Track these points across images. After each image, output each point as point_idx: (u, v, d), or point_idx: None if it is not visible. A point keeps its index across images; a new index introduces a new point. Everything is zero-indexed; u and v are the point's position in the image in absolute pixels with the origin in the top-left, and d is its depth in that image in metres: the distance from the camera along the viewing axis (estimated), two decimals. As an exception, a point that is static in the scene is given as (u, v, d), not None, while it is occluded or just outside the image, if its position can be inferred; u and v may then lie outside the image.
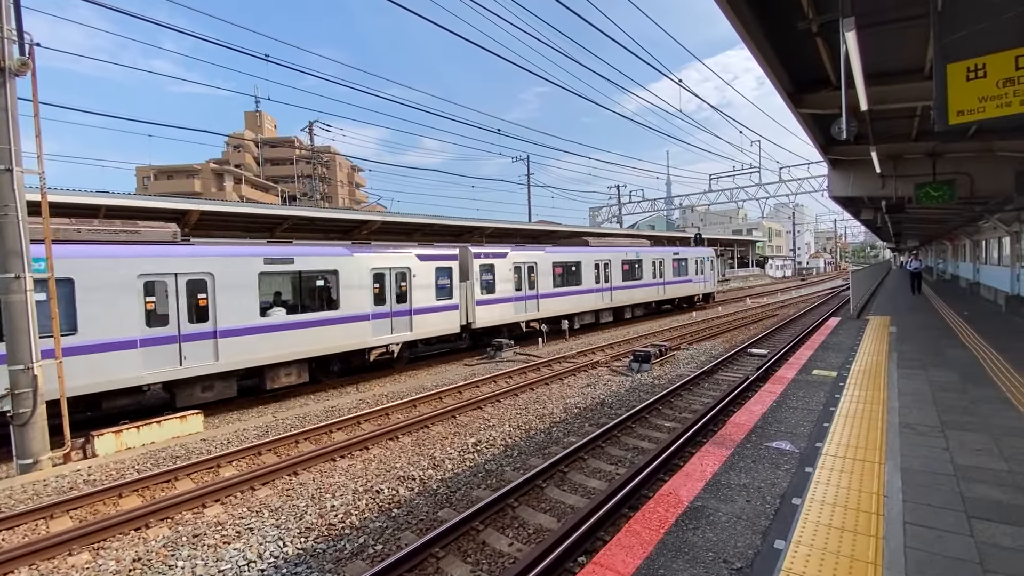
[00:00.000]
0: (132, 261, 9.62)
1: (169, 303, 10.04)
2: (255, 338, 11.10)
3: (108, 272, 9.29)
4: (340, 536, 5.71)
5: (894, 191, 12.40)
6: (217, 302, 10.55)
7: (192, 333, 10.25)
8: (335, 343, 12.54)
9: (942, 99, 3.90)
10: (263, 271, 11.32)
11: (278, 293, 11.94)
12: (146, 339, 9.68)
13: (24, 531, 6.19)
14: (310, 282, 12.32)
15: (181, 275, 10.17)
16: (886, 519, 3.78)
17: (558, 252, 19.85)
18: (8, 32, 7.66)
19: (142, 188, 51.79)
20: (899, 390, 7.24)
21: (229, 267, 10.78)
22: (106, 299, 9.24)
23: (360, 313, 13.00)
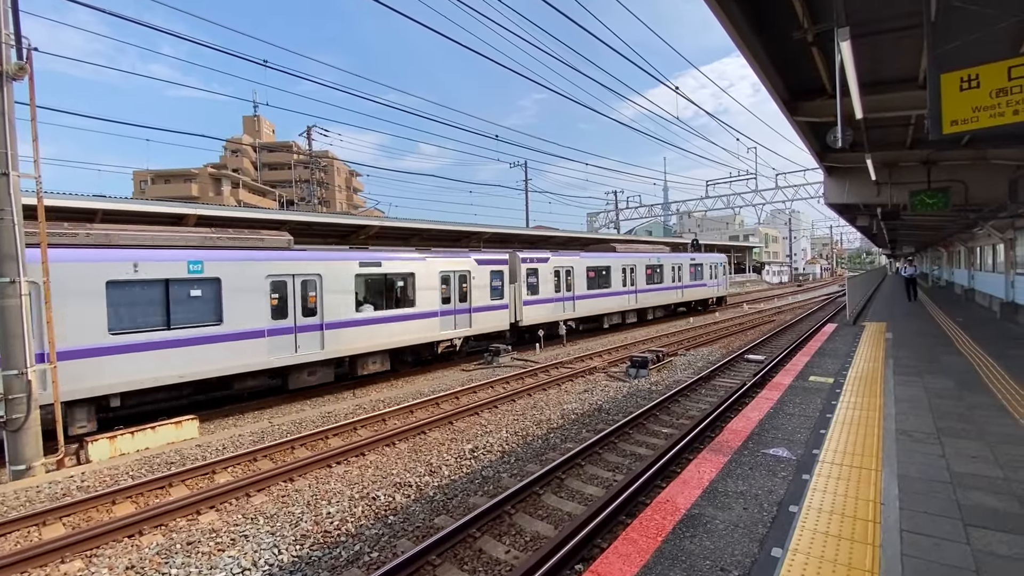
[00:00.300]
0: (262, 264, 11.36)
1: (287, 300, 11.79)
2: (351, 330, 12.93)
3: (245, 273, 11.02)
4: (336, 543, 5.67)
5: (889, 198, 12.49)
6: (324, 299, 12.35)
7: (304, 325, 12.04)
8: (412, 336, 14.44)
9: (936, 109, 3.94)
10: (358, 273, 13.16)
11: (368, 292, 13.78)
12: (271, 329, 11.46)
13: (16, 538, 6.12)
14: (393, 283, 14.19)
15: (297, 276, 11.94)
16: (883, 527, 3.78)
17: (591, 257, 21.62)
18: (6, 37, 7.66)
19: (139, 192, 51.68)
20: (895, 397, 7.26)
21: (333, 269, 12.58)
22: (244, 295, 10.96)
23: (431, 310, 14.93)
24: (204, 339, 10.33)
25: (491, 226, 21.35)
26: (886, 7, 5.47)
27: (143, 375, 9.58)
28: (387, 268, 13.87)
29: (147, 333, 9.69)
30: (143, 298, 9.72)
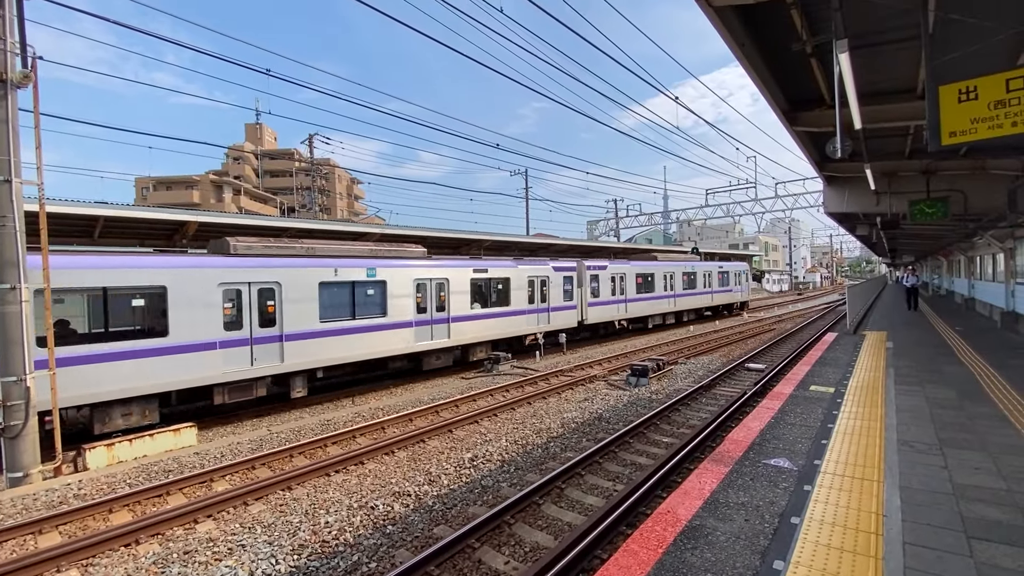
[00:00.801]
0: (411, 270, 14.50)
1: (427, 298, 14.86)
2: (467, 324, 15.95)
3: (399, 276, 14.12)
4: (334, 553, 5.63)
5: (889, 208, 12.52)
6: (451, 298, 15.38)
7: (438, 319, 15.04)
8: (508, 330, 17.48)
9: (935, 120, 3.97)
10: (472, 278, 16.12)
11: (477, 293, 16.41)
12: (416, 321, 14.51)
13: (12, 547, 6.08)
14: (495, 286, 17.07)
15: (433, 280, 15.05)
16: (885, 539, 3.75)
17: (639, 265, 24.32)
18: (11, 45, 7.72)
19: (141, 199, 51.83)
20: (896, 407, 7.24)
21: (456, 274, 15.68)
22: (400, 295, 14.06)
23: (521, 309, 17.95)
24: (375, 327, 13.47)
25: (492, 234, 21.36)
26: (884, 19, 5.52)
27: (338, 354, 12.64)
28: (492, 273, 16.88)
29: (341, 322, 12.74)
30: (339, 295, 12.78)
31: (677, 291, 26.73)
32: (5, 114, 7.67)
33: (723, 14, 5.15)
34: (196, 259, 10.92)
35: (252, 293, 11.15)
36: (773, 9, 5.41)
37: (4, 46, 7.64)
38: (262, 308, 11.34)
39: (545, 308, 18.89)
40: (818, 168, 12.12)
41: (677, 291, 26.73)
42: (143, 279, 9.82)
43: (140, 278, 9.79)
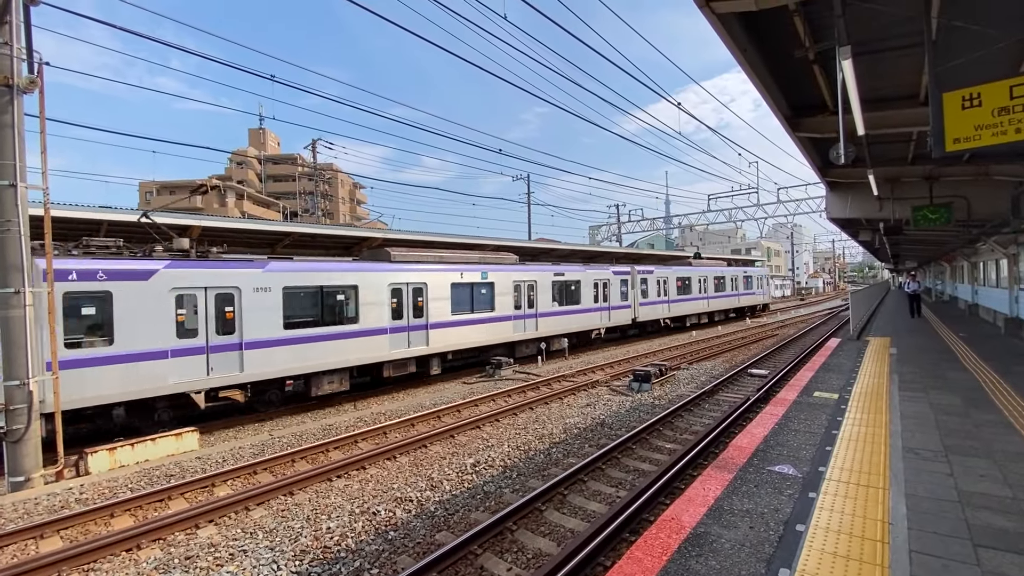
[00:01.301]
0: (511, 274, 17.78)
1: (521, 297, 18.06)
2: (550, 319, 19.20)
3: (503, 279, 17.41)
4: (336, 559, 5.61)
5: (892, 213, 12.51)
6: (538, 298, 18.62)
7: (528, 314, 18.36)
8: (579, 324, 20.73)
9: (939, 127, 3.96)
10: (554, 280, 19.44)
11: (556, 293, 19.59)
12: (514, 315, 17.75)
13: (13, 551, 6.07)
14: (569, 287, 20.29)
15: (524, 282, 18.26)
16: (891, 547, 3.72)
17: (679, 270, 27.34)
18: (18, 51, 7.78)
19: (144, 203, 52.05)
20: (901, 413, 7.20)
21: (542, 277, 18.92)
22: (502, 293, 17.30)
23: (589, 307, 21.18)
24: (487, 320, 16.61)
25: (494, 239, 21.39)
26: (887, 26, 5.53)
27: (465, 340, 15.89)
28: (567, 276, 20.16)
29: (465, 315, 15.90)
30: (463, 294, 15.94)
31: (710, 293, 29.92)
32: (11, 119, 7.72)
33: (726, 20, 5.16)
34: (374, 264, 14.06)
35: (408, 292, 14.47)
36: (775, 16, 5.43)
37: (11, 52, 7.70)
38: (415, 304, 14.62)
39: (607, 307, 22.21)
40: (821, 174, 12.12)
41: (710, 293, 29.92)
42: (346, 280, 13.00)
43: (344, 279, 12.96)
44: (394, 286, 14.09)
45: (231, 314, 10.86)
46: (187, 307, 10.35)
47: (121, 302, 9.56)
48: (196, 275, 10.51)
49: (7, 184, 7.68)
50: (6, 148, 7.68)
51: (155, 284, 10.00)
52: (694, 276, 28.38)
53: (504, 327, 17.26)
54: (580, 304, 20.62)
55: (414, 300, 14.55)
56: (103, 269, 9.44)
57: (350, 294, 13.06)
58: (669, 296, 26.03)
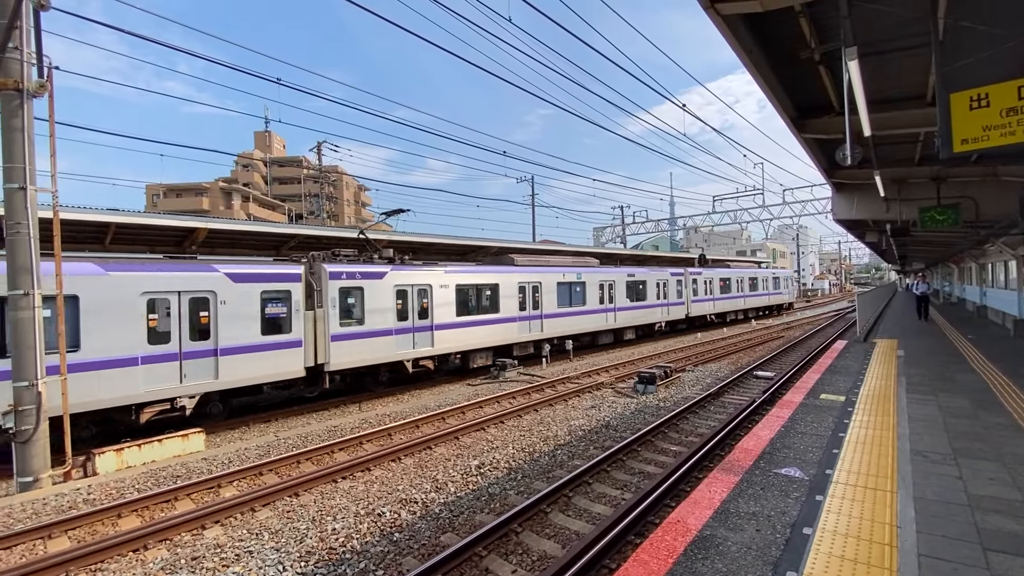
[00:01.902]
0: (598, 275, 21.52)
1: (604, 294, 21.80)
2: (624, 312, 22.96)
3: (593, 279, 21.21)
4: (341, 560, 5.62)
5: (899, 215, 12.44)
6: (616, 295, 22.56)
7: (608, 308, 22.03)
8: (645, 319, 24.47)
9: (946, 128, 3.94)
10: (628, 280, 23.23)
11: (629, 291, 23.24)
12: (601, 310, 21.63)
13: (21, 551, 6.11)
14: (638, 286, 23.97)
15: (607, 282, 21.95)
16: (900, 551, 3.69)
17: (721, 271, 31.69)
18: (28, 56, 7.87)
19: (151, 206, 52.43)
20: (909, 416, 7.14)
21: (619, 277, 22.71)
22: (592, 291, 21.01)
23: (652, 303, 25.00)
24: (583, 312, 20.68)
25: (498, 240, 21.44)
26: (894, 27, 5.51)
27: (570, 329, 19.94)
28: (637, 277, 23.88)
29: (567, 308, 19.91)
30: (565, 291, 19.90)
31: (746, 292, 34.01)
32: (21, 123, 7.79)
33: (731, 22, 5.16)
34: (506, 267, 17.84)
35: (529, 290, 18.35)
36: (781, 17, 5.42)
37: (21, 56, 7.78)
38: (534, 299, 18.57)
39: (667, 303, 25.91)
40: (827, 175, 12.07)
41: (746, 292, 34.01)
42: (489, 279, 16.86)
43: (488, 279, 16.82)
44: (521, 284, 18.13)
45: (425, 304, 14.95)
46: (402, 299, 14.33)
47: (368, 294, 13.48)
48: (406, 276, 14.51)
49: (17, 187, 7.75)
50: (16, 152, 7.76)
51: (386, 282, 13.96)
52: (733, 277, 32.64)
53: (595, 319, 21.25)
54: (646, 300, 24.46)
55: (533, 296, 18.52)
56: (359, 271, 13.41)
57: (495, 290, 17.17)
58: (714, 295, 30.18)
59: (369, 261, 14.11)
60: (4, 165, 7.80)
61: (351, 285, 13.06)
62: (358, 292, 13.23)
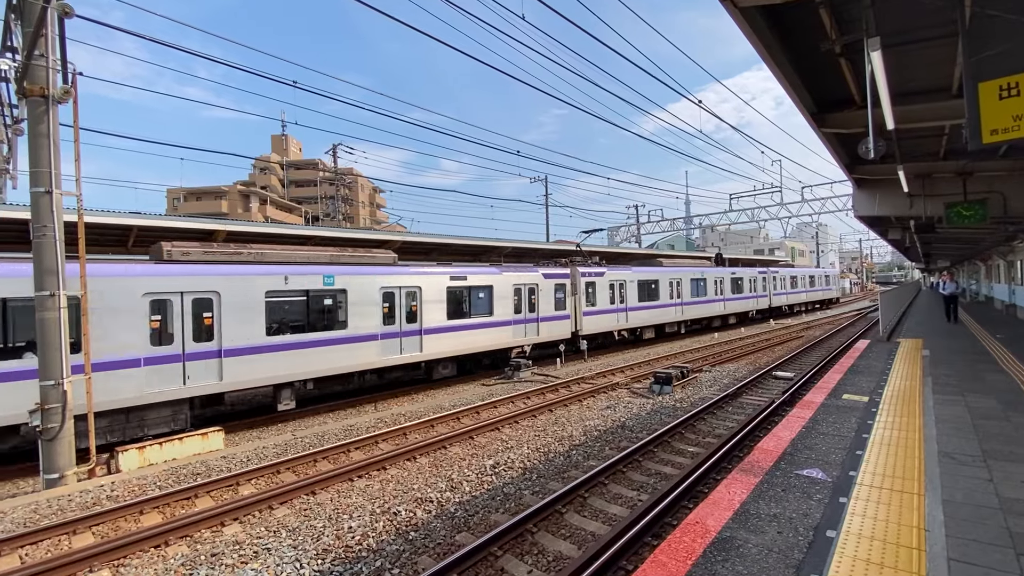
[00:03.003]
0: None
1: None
2: (694, 307, 26.13)
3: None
4: (357, 559, 5.64)
5: (923, 211, 12.12)
6: (724, 288, 28.12)
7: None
8: (709, 312, 27.38)
9: (975, 118, 3.81)
10: (731, 278, 28.79)
11: (733, 285, 28.82)
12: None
13: (47, 546, 6.25)
14: (697, 284, 26.43)
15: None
16: (928, 555, 3.58)
17: (792, 271, 38.22)
18: (53, 63, 8.05)
19: (172, 208, 53.49)
20: (936, 416, 6.94)
21: (685, 275, 25.49)
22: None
23: (752, 295, 31.30)
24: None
25: (512, 241, 21.43)
26: (918, 16, 5.36)
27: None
28: (738, 273, 29.63)
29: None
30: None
31: (808, 288, 40.38)
32: (47, 128, 7.98)
33: (748, 15, 5.07)
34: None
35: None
36: (800, 8, 5.31)
37: (46, 63, 7.97)
38: (679, 291, 24.62)
39: (742, 297, 30.65)
40: (847, 171, 11.81)
41: (808, 288, 40.38)
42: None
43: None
44: (672, 280, 24.11)
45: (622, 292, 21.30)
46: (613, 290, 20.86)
47: (599, 286, 20.42)
48: (618, 275, 21.35)
49: (43, 191, 7.94)
50: (42, 156, 7.95)
51: (604, 279, 20.60)
52: (799, 275, 38.94)
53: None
54: (743, 293, 30.55)
55: (678, 289, 24.36)
56: (593, 271, 20.32)
57: (656, 284, 23.22)
58: (787, 289, 36.60)
59: (584, 264, 20.39)
60: (30, 169, 8.00)
61: (587, 280, 19.81)
62: (592, 285, 20.04)
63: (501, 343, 16.55)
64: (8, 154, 11.09)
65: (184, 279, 10.23)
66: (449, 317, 14.91)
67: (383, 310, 13.32)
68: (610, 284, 20.90)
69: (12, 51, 8.77)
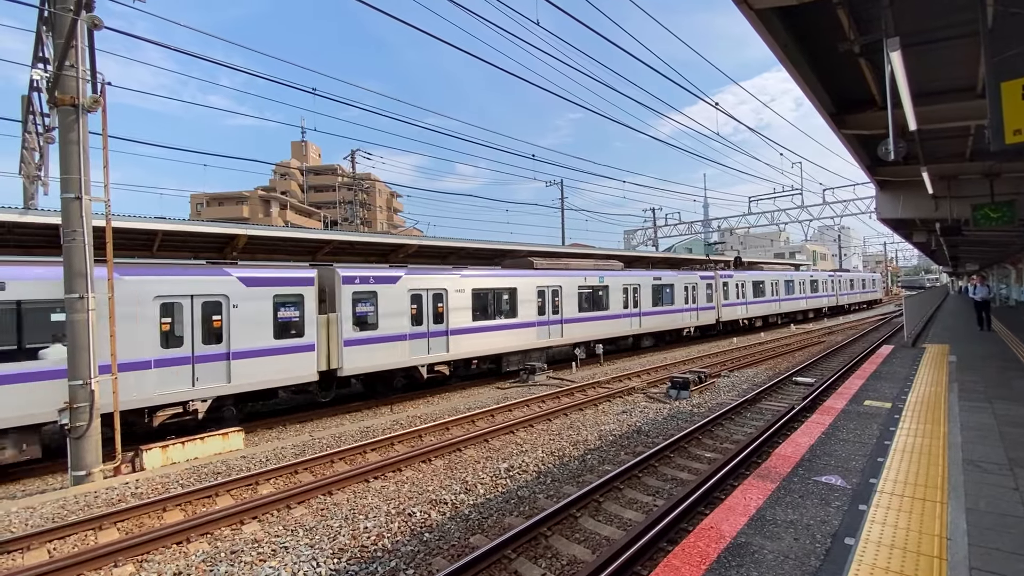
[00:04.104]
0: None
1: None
2: (813, 300, 35.93)
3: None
4: (372, 559, 5.70)
5: (949, 213, 11.85)
6: (815, 288, 36.77)
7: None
8: (817, 305, 35.11)
9: (997, 118, 3.73)
10: (810, 280, 35.23)
11: (811, 286, 34.84)
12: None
13: (74, 541, 6.44)
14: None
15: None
16: (950, 564, 3.49)
17: (850, 275, 45.30)
18: (83, 73, 8.35)
19: (195, 214, 54.71)
20: (961, 424, 6.76)
21: (805, 276, 35.17)
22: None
23: (825, 294, 37.51)
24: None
25: (527, 244, 21.49)
26: (938, 15, 5.27)
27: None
28: (814, 277, 34.99)
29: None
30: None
31: (859, 290, 47.03)
32: (77, 136, 8.27)
33: (765, 17, 5.04)
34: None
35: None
36: (817, 9, 5.25)
37: (76, 73, 8.27)
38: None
39: (826, 295, 36.68)
40: (870, 172, 11.60)
41: (859, 290, 47.03)
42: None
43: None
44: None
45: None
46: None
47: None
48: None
49: (73, 197, 8.22)
50: (72, 163, 8.23)
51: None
52: (855, 278, 46.41)
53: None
54: (819, 292, 36.45)
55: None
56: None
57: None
58: (846, 290, 43.14)
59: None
60: (61, 176, 8.29)
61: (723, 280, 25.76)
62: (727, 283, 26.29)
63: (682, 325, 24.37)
64: (40, 161, 11.53)
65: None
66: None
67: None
68: (738, 283, 27.40)
69: (44, 62, 9.12)
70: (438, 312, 14.60)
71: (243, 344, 11.00)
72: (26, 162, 11.86)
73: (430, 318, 14.35)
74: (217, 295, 10.80)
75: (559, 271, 18.69)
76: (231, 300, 10.92)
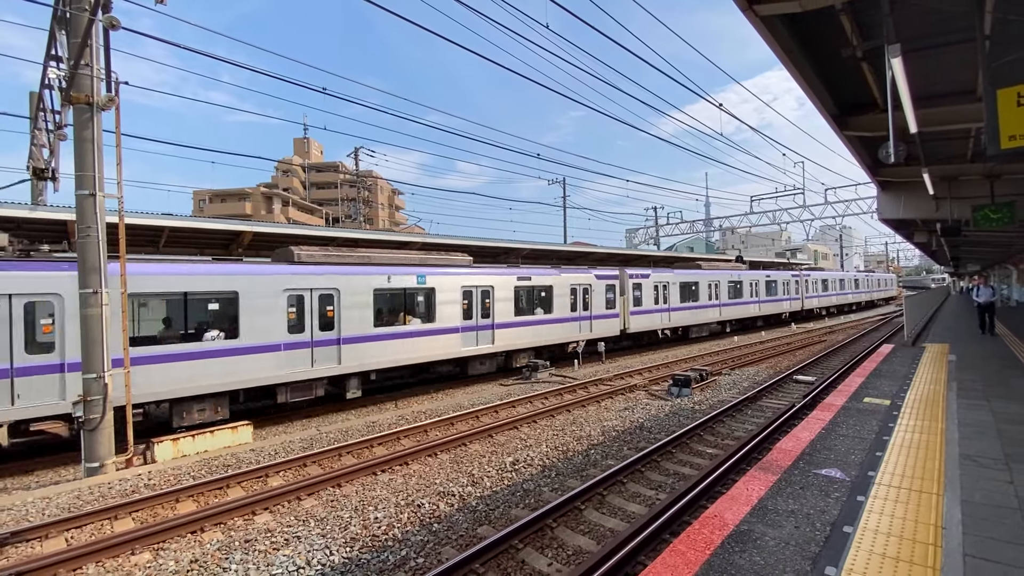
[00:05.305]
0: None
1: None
2: (842, 297, 42.46)
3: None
4: (383, 547, 5.85)
5: (949, 213, 11.97)
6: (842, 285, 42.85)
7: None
8: (844, 301, 42.44)
9: (993, 125, 3.87)
10: (838, 279, 41.74)
11: (841, 284, 41.70)
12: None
13: (91, 530, 6.60)
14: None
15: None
16: (944, 551, 3.64)
17: (871, 275, 51.27)
18: (98, 72, 8.48)
19: (198, 210, 54.86)
20: (959, 420, 6.90)
21: (838, 276, 42.33)
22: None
23: (853, 291, 44.86)
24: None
25: (529, 243, 21.60)
26: (938, 22, 5.39)
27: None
28: (847, 276, 44.16)
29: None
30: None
31: (872, 288, 50.89)
32: (91, 134, 8.41)
33: (769, 22, 5.17)
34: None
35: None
36: (821, 15, 5.38)
37: (91, 72, 8.40)
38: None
39: (854, 292, 43.50)
40: (871, 173, 11.73)
41: (872, 288, 50.89)
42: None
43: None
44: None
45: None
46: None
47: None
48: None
49: (87, 193, 8.36)
50: (87, 161, 8.37)
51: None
52: (877, 278, 52.11)
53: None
54: (845, 290, 41.55)
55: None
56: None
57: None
58: (872, 288, 49.59)
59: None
60: (76, 173, 8.43)
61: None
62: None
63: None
64: (50, 158, 11.67)
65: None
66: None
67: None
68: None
69: (56, 60, 9.24)
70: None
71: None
72: (35, 158, 12.00)
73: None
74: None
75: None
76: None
